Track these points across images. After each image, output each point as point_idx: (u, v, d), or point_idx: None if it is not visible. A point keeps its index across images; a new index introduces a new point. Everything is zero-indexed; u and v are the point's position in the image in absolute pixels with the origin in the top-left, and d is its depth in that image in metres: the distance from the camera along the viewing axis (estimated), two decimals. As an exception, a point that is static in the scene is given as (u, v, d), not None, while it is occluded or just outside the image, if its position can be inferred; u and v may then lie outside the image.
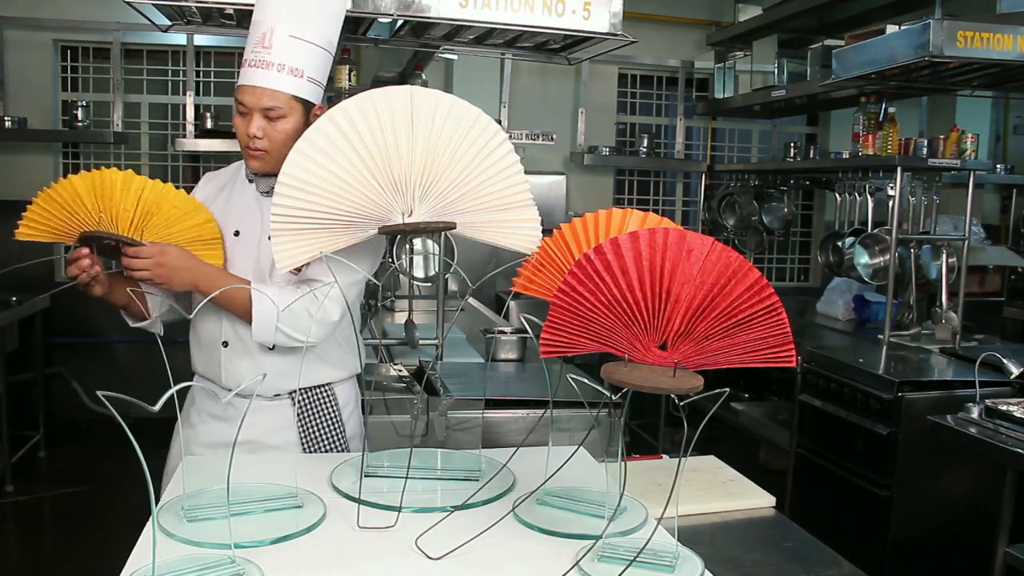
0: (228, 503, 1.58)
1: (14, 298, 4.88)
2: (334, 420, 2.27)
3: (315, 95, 2.06)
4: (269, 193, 2.08)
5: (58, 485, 4.94)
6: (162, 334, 2.16)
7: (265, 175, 2.12)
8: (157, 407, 2.04)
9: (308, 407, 2.24)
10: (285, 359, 2.17)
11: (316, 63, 2.04)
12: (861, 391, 3.54)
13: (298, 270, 2.08)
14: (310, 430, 2.24)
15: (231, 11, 2.53)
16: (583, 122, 6.29)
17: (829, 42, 5.02)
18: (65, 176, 2.00)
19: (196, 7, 2.50)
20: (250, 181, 2.19)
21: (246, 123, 2.04)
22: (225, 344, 2.17)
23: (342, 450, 2.26)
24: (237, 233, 2.17)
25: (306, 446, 2.24)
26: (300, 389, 2.22)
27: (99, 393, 2.11)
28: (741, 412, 4.67)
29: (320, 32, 2.03)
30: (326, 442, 2.25)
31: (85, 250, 1.96)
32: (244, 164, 2.19)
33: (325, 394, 2.26)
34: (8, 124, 5.44)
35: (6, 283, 5.15)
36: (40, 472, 5.26)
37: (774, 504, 2.12)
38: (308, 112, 2.06)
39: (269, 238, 2.04)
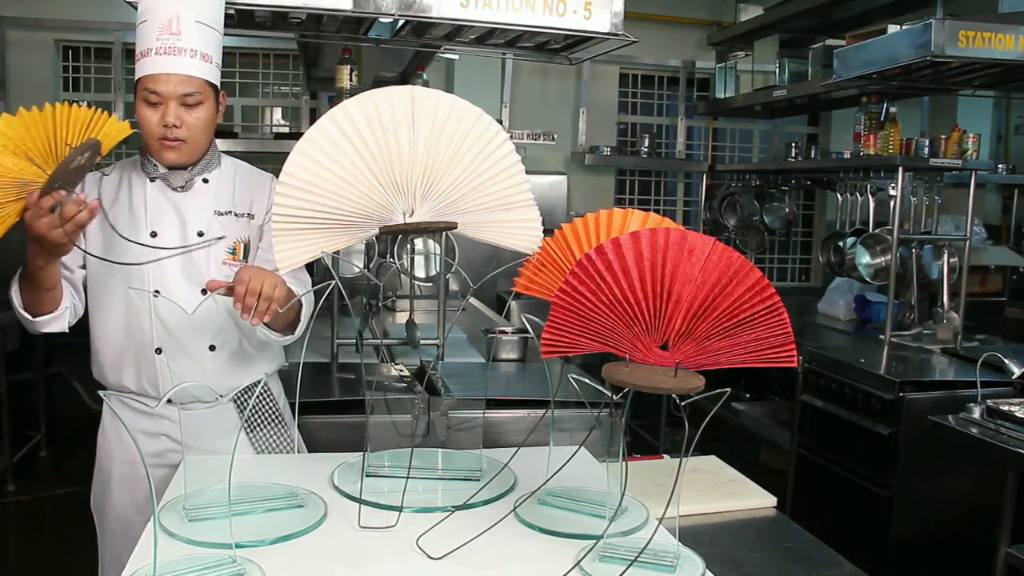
0: (229, 503, 1.58)
1: (15, 298, 4.88)
2: (276, 415, 2.25)
3: (218, 79, 2.04)
4: (184, 188, 2.06)
5: (59, 485, 4.94)
6: (66, 331, 2.06)
7: (178, 168, 2.05)
8: (157, 406, 2.06)
9: (250, 405, 2.18)
10: (224, 359, 2.12)
11: (217, 47, 2.02)
12: (862, 391, 3.54)
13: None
14: (256, 428, 2.20)
15: (232, 11, 2.53)
16: (584, 122, 6.28)
17: (830, 42, 5.02)
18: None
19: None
20: (152, 179, 2.08)
21: (159, 113, 1.96)
22: (159, 351, 2.07)
23: (290, 446, 2.22)
24: (154, 234, 2.06)
25: (256, 446, 2.20)
26: (242, 388, 2.08)
27: (100, 393, 2.11)
28: (742, 412, 4.67)
29: (215, 16, 2.01)
30: (274, 438, 2.22)
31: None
32: (139, 161, 2.10)
33: (264, 390, 2.23)
34: (9, 124, 5.44)
35: (5, 282, 5.16)
36: (41, 472, 5.27)
37: (775, 504, 2.11)
38: (216, 97, 2.03)
39: (200, 234, 2.02)
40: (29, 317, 1.96)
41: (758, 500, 2.12)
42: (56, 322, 1.99)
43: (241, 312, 1.78)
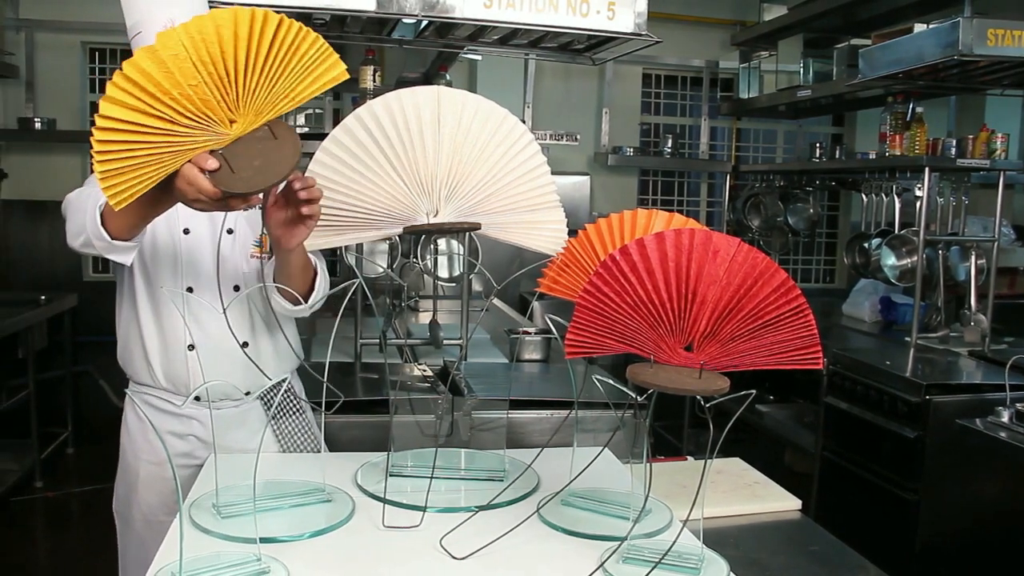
0: (255, 499, 1.59)
1: (43, 297, 4.94)
2: (300, 412, 2.25)
3: None
4: None
5: (85, 481, 4.98)
6: (127, 264, 1.93)
7: None
8: (184, 404, 2.07)
9: (276, 402, 2.18)
10: (255, 356, 2.11)
11: None
12: (888, 394, 3.51)
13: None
14: (282, 425, 2.21)
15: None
16: (607, 122, 6.27)
17: (855, 41, 4.98)
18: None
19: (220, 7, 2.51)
20: None
21: None
22: (191, 347, 2.06)
23: (315, 444, 2.23)
24: (187, 231, 2.05)
25: (282, 443, 2.21)
26: (267, 387, 2.12)
27: (127, 391, 2.13)
28: (766, 414, 4.65)
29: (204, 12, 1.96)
30: (299, 436, 2.22)
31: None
32: None
33: (288, 387, 2.23)
34: (38, 125, 5.50)
35: (35, 282, 5.22)
36: (68, 468, 5.32)
37: (800, 507, 2.10)
38: None
39: (230, 231, 2.01)
40: (107, 238, 1.75)
41: (783, 503, 2.11)
42: (128, 252, 1.82)
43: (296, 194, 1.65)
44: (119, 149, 1.38)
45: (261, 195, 1.59)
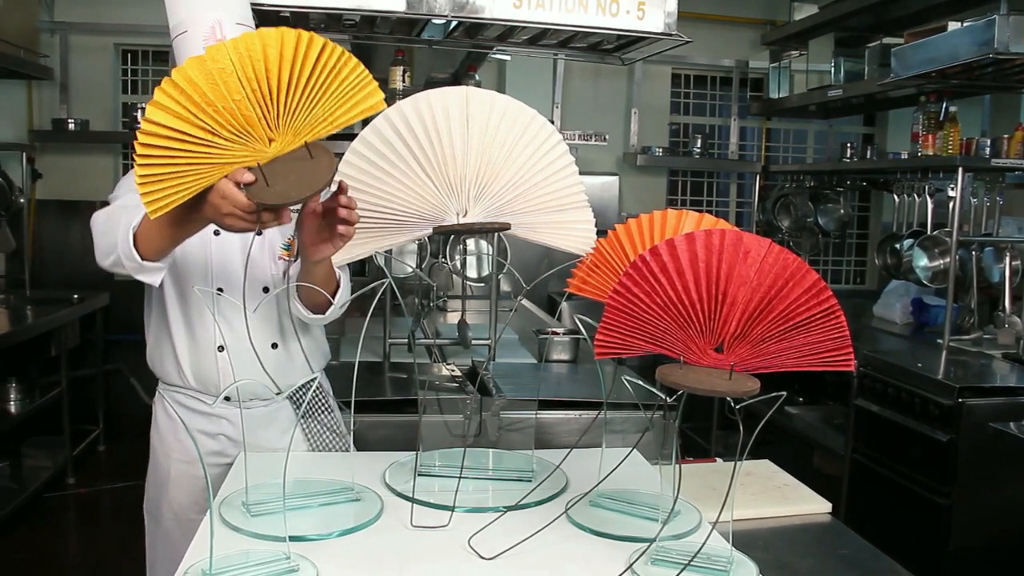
0: (284, 498, 1.60)
1: (75, 295, 4.99)
2: (329, 411, 2.26)
3: None
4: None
5: (116, 478, 5.04)
6: (156, 285, 1.95)
7: None
8: (215, 403, 2.09)
9: (306, 401, 2.20)
10: (285, 357, 2.13)
11: None
12: (920, 396, 3.47)
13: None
14: (312, 424, 2.22)
15: (287, 14, 2.56)
16: (636, 122, 6.25)
17: (887, 40, 4.93)
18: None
19: (253, 10, 2.53)
20: None
21: None
22: (221, 348, 2.08)
23: (344, 443, 2.24)
24: (217, 233, 2.05)
25: (312, 442, 2.22)
26: (299, 385, 2.09)
27: (159, 390, 2.15)
28: (795, 416, 4.61)
29: (248, 15, 1.95)
30: (328, 435, 2.23)
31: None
32: None
33: (318, 386, 2.24)
34: (72, 126, 5.57)
35: (68, 281, 5.28)
36: (99, 465, 5.38)
37: (830, 510, 2.08)
38: None
39: (259, 233, 2.02)
40: (139, 259, 1.79)
41: (813, 506, 2.09)
42: (158, 273, 1.86)
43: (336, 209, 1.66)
44: (160, 155, 1.41)
45: (292, 211, 1.60)
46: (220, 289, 2.07)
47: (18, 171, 5.36)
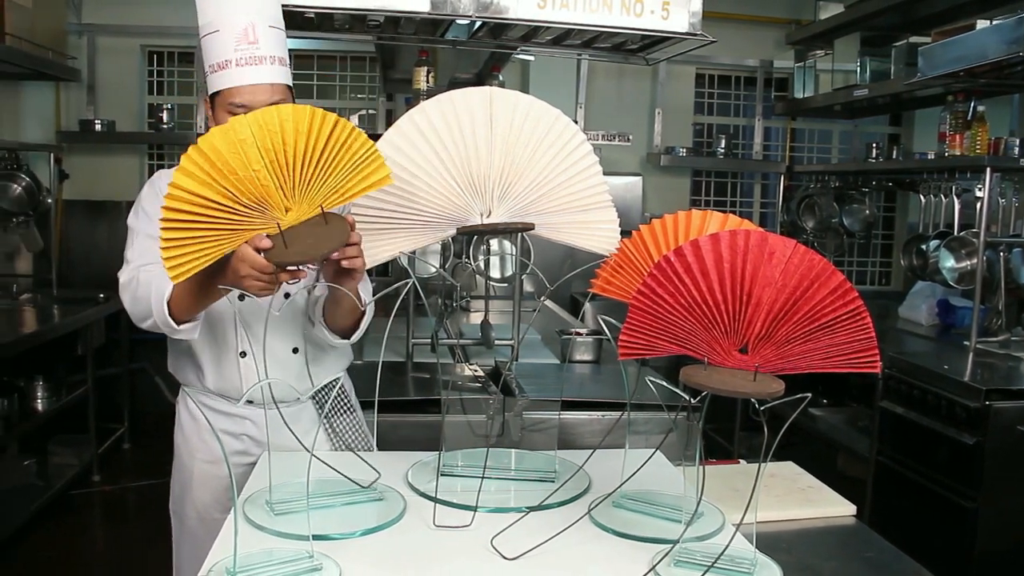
0: (308, 496, 1.61)
1: (101, 295, 5.04)
2: (351, 411, 2.28)
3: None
4: None
5: (141, 476, 5.08)
6: (195, 338, 1.99)
7: None
8: (241, 401, 2.10)
9: (329, 401, 2.21)
10: (302, 363, 2.14)
11: (285, 46, 1.97)
12: (946, 399, 3.44)
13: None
14: (334, 425, 2.23)
15: (312, 14, 2.57)
16: (660, 123, 6.24)
17: (914, 39, 4.89)
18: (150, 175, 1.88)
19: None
20: None
21: None
22: (243, 354, 2.10)
23: (366, 442, 2.26)
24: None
25: (334, 442, 2.24)
26: (320, 387, 2.17)
27: (183, 390, 2.16)
28: (819, 418, 4.58)
29: (280, 16, 1.96)
30: (351, 434, 2.25)
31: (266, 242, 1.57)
32: None
33: (341, 389, 2.26)
34: (98, 127, 5.62)
35: (94, 280, 5.33)
36: (124, 463, 5.43)
37: (855, 513, 2.07)
38: (292, 97, 1.99)
39: (286, 296, 2.02)
40: (174, 325, 1.88)
41: (837, 508, 2.08)
42: (193, 330, 1.94)
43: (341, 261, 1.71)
44: (184, 219, 1.49)
45: (304, 272, 1.69)
46: (241, 296, 2.08)
47: (46, 171, 5.42)
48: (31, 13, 4.88)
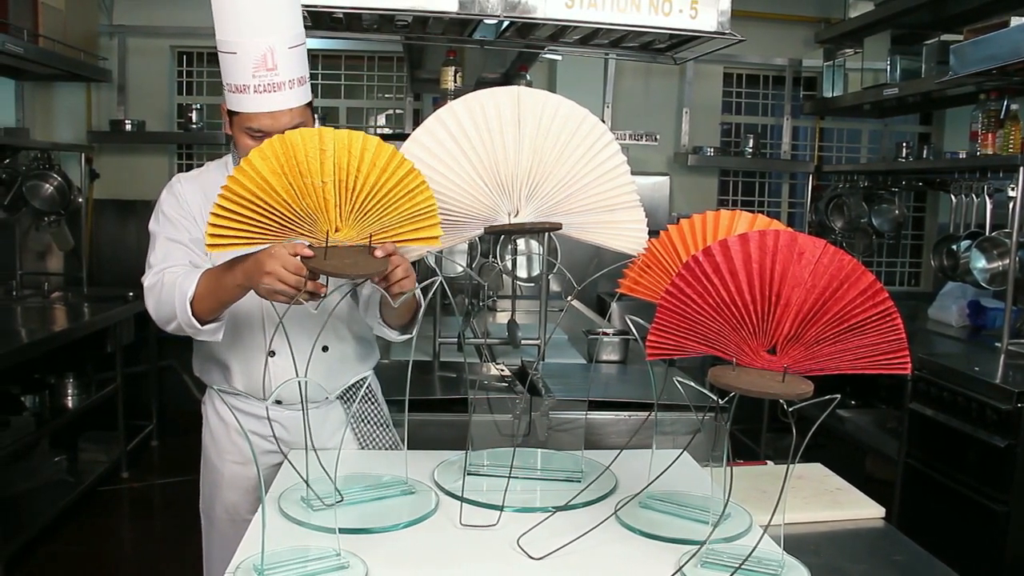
0: (335, 493, 1.62)
1: (130, 293, 5.08)
2: (378, 410, 2.29)
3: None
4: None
5: (168, 473, 5.13)
6: (219, 340, 2.01)
7: None
8: (270, 400, 2.11)
9: (358, 400, 2.23)
10: (335, 359, 2.15)
11: (307, 62, 1.94)
12: (977, 401, 3.41)
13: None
14: (362, 424, 2.25)
15: (340, 15, 2.58)
16: (687, 122, 6.21)
17: (946, 37, 4.84)
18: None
19: (306, 11, 2.55)
20: None
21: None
22: (272, 354, 2.10)
23: (393, 441, 2.28)
24: None
25: (361, 441, 2.25)
26: (347, 387, 2.19)
27: (215, 388, 2.17)
28: (847, 419, 4.55)
29: (300, 31, 1.90)
30: (377, 433, 2.26)
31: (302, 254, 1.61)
32: (230, 165, 2.04)
33: (369, 388, 2.27)
34: (128, 127, 5.67)
35: (123, 279, 5.38)
36: (152, 460, 5.48)
37: (883, 515, 2.05)
38: (312, 111, 1.98)
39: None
40: (198, 325, 1.91)
41: (865, 510, 2.06)
42: (217, 331, 1.96)
43: (389, 285, 1.72)
44: (243, 196, 1.53)
45: (325, 290, 1.69)
46: None
47: (77, 171, 5.48)
48: (63, 15, 4.94)
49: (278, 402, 2.13)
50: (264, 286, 1.64)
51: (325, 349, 2.14)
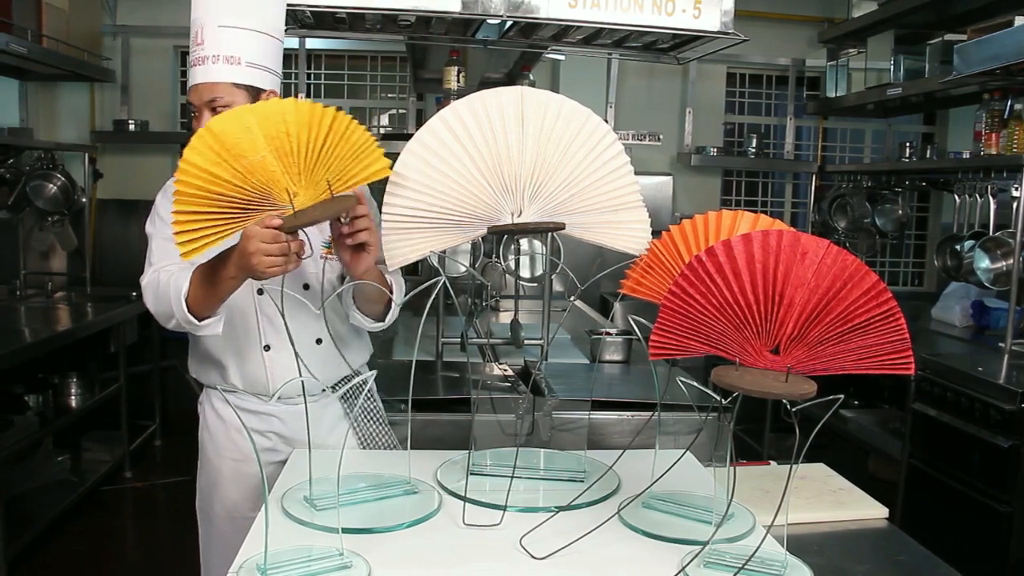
0: (338, 493, 1.62)
1: (134, 293, 5.08)
2: (376, 409, 2.30)
3: (259, 79, 2.00)
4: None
5: (170, 473, 5.14)
6: (219, 334, 2.02)
7: None
8: (273, 399, 2.11)
9: (354, 398, 2.24)
10: (328, 352, 2.16)
11: (254, 49, 1.98)
12: (980, 401, 3.40)
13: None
14: (362, 423, 2.26)
15: (343, 15, 2.58)
16: (690, 122, 6.21)
17: (949, 37, 4.84)
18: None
19: (310, 11, 2.55)
20: None
21: (198, 123, 1.98)
22: (267, 348, 2.13)
23: (391, 440, 2.29)
24: None
25: (362, 440, 2.26)
26: (342, 380, 2.21)
27: (218, 388, 2.17)
28: (850, 420, 4.54)
29: (253, 19, 1.98)
30: (376, 432, 2.27)
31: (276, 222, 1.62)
32: None
33: (369, 389, 2.28)
34: (132, 127, 5.68)
35: (126, 278, 5.38)
36: (155, 460, 5.48)
37: (887, 516, 2.05)
38: (256, 98, 1.99)
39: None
40: (195, 321, 1.92)
41: (869, 511, 2.06)
42: (215, 326, 1.97)
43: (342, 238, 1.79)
44: (195, 194, 1.53)
45: (307, 252, 1.72)
46: (260, 290, 2.09)
47: (80, 171, 5.49)
48: (67, 15, 4.94)
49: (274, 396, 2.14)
50: (257, 267, 1.65)
51: (319, 342, 2.15)
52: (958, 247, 4.72)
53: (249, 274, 1.71)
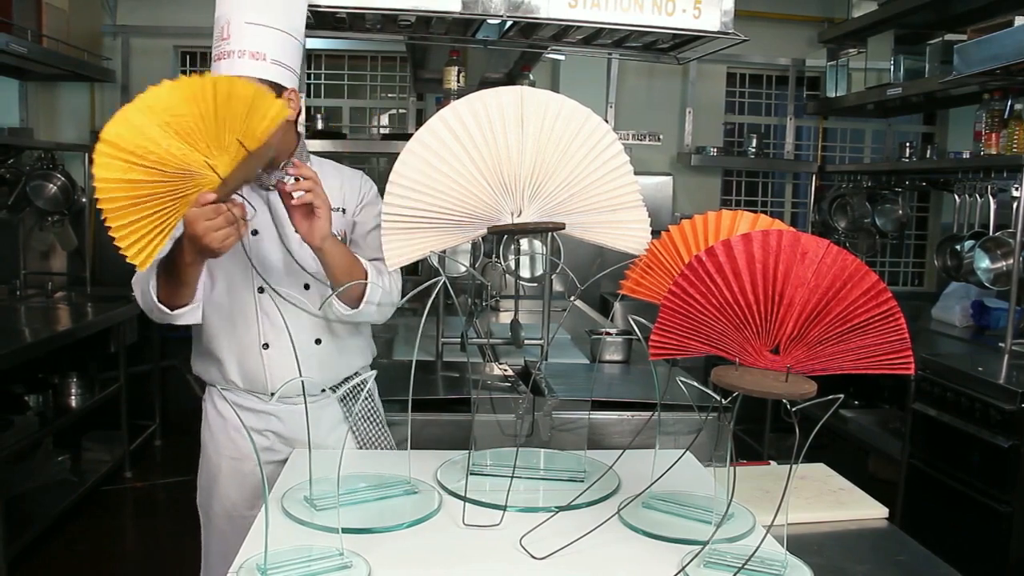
0: (338, 492, 1.62)
1: (133, 293, 5.08)
2: (375, 410, 2.31)
3: (282, 77, 2.00)
4: (276, 187, 2.02)
5: (171, 473, 5.13)
6: (199, 322, 2.08)
7: (267, 168, 2.02)
8: (274, 399, 2.11)
9: (353, 399, 2.25)
10: (328, 352, 2.17)
11: (278, 47, 1.99)
12: (980, 401, 3.40)
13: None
14: (360, 423, 2.26)
15: (343, 15, 2.57)
16: (690, 122, 6.20)
17: (950, 37, 4.84)
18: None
19: (310, 11, 2.55)
20: None
21: None
22: (266, 346, 2.13)
23: (389, 441, 2.30)
24: (255, 232, 2.10)
25: (360, 441, 2.27)
26: (342, 381, 2.23)
27: (217, 388, 2.17)
28: (850, 420, 4.54)
29: (279, 18, 2.00)
30: (374, 433, 2.28)
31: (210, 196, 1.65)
32: None
33: (362, 381, 2.27)
34: (132, 126, 5.67)
35: (126, 279, 5.39)
36: (155, 460, 5.48)
37: (887, 515, 2.05)
38: (277, 95, 1.96)
39: (297, 231, 2.05)
40: (167, 310, 1.97)
41: (869, 511, 2.06)
42: (192, 314, 2.02)
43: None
44: (124, 206, 1.54)
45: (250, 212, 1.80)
46: (261, 289, 2.10)
47: (80, 171, 5.48)
48: (67, 15, 4.94)
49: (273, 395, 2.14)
50: (211, 244, 1.68)
51: (318, 342, 2.15)
52: (958, 247, 4.72)
53: (208, 254, 1.74)
